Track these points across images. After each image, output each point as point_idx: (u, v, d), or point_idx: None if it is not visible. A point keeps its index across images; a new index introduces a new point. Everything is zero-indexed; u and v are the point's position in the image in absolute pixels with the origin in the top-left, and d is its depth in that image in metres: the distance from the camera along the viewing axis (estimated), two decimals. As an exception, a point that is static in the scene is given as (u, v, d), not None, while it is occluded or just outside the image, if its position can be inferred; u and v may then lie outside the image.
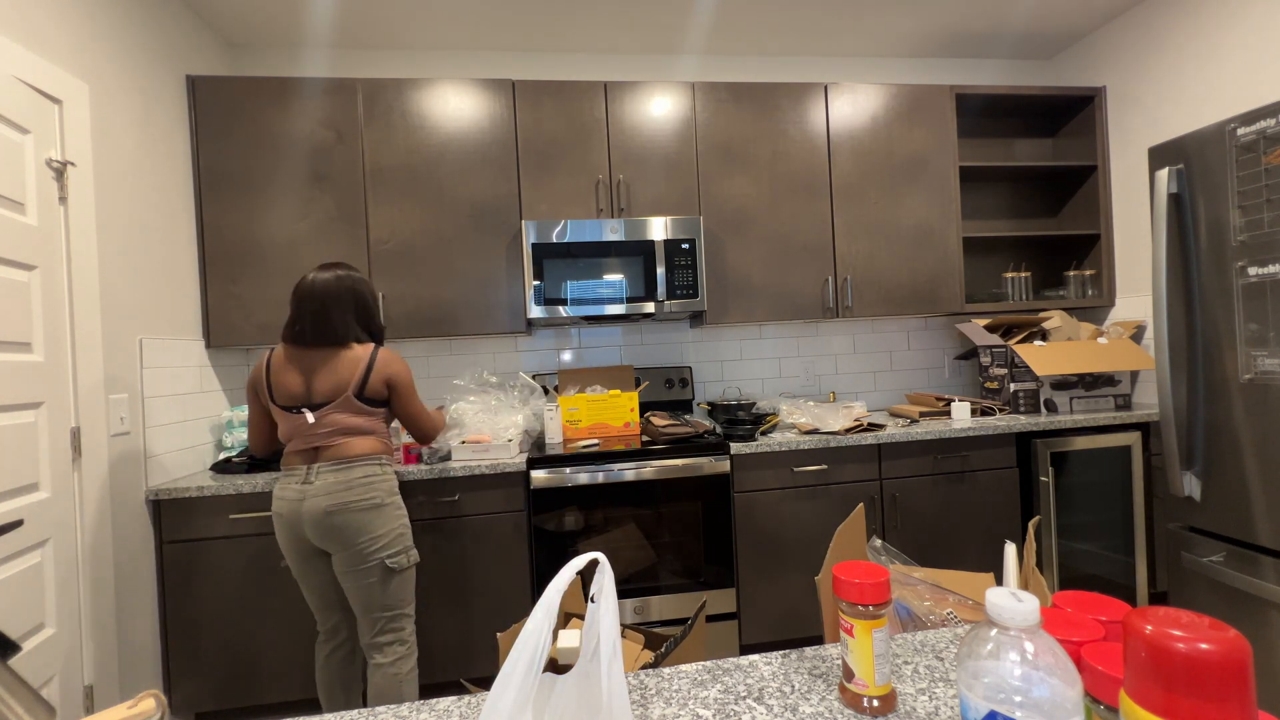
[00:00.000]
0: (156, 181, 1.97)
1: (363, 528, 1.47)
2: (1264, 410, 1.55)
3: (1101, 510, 2.24)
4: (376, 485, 1.51)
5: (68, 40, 1.64)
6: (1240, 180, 1.56)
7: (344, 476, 1.48)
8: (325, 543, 1.49)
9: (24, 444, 1.45)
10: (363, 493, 1.48)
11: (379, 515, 1.50)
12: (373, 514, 1.49)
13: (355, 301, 1.58)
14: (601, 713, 0.49)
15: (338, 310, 1.54)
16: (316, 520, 1.46)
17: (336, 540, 1.47)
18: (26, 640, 1.43)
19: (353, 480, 1.48)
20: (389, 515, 1.52)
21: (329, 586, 1.59)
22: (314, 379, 1.52)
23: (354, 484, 1.48)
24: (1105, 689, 0.43)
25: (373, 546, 1.48)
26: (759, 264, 2.42)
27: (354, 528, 1.47)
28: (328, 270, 1.57)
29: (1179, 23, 2.36)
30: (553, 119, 2.29)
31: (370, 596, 1.51)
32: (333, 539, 1.47)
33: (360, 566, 1.49)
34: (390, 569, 1.51)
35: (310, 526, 1.47)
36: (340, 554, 1.49)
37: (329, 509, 1.45)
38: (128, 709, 0.53)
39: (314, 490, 1.47)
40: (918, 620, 0.96)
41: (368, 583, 1.50)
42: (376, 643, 1.53)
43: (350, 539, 1.47)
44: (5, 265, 1.42)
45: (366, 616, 1.53)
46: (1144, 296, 2.55)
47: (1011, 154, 2.91)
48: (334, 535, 1.47)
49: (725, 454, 2.07)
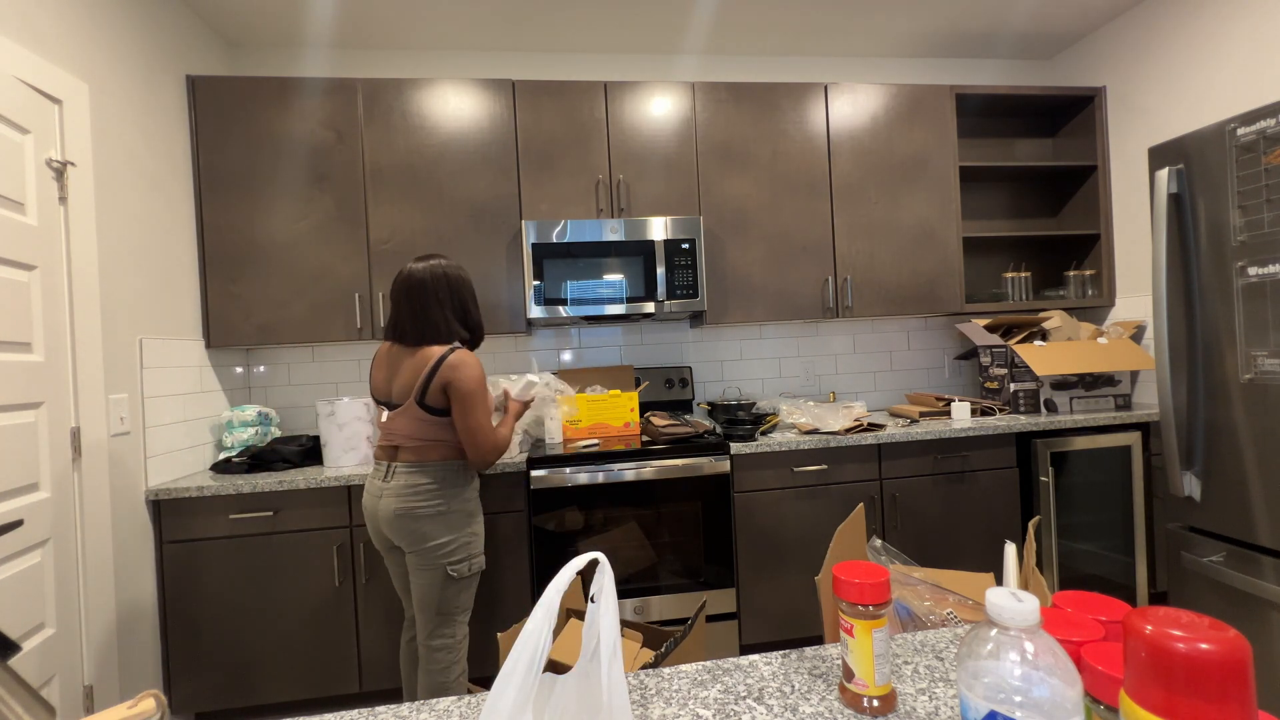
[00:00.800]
0: (156, 181, 1.97)
1: (428, 533, 1.48)
2: (1264, 410, 1.55)
3: (1101, 510, 2.24)
4: (443, 492, 1.50)
5: (68, 40, 1.64)
6: (1240, 180, 1.56)
7: (414, 480, 1.48)
8: (397, 540, 1.51)
9: (24, 444, 1.45)
10: (429, 499, 1.48)
11: (444, 522, 1.49)
12: (438, 521, 1.48)
13: (451, 296, 1.54)
14: (601, 713, 0.49)
15: (436, 307, 1.51)
16: (389, 519, 1.48)
17: (405, 540, 1.49)
18: (26, 640, 1.43)
19: (420, 485, 1.48)
20: (454, 522, 1.51)
21: (406, 579, 1.61)
22: (395, 377, 1.53)
23: (421, 489, 1.48)
24: (1105, 689, 0.43)
25: (438, 552, 1.49)
26: (759, 264, 2.42)
27: (420, 533, 1.48)
28: (423, 262, 1.54)
29: (1179, 23, 2.36)
30: (553, 119, 2.29)
31: (428, 595, 1.52)
32: (402, 538, 1.49)
33: (424, 567, 1.50)
34: (451, 576, 1.50)
35: (385, 524, 1.50)
36: (410, 553, 1.51)
37: (398, 512, 1.47)
38: (128, 709, 0.53)
39: (389, 489, 1.49)
40: (918, 620, 0.96)
41: (428, 582, 1.50)
42: (429, 644, 1.54)
43: (416, 542, 1.48)
44: (5, 265, 1.42)
45: (422, 615, 1.54)
46: (1144, 296, 2.55)
47: (1011, 154, 2.91)
48: (403, 536, 1.49)
49: (725, 454, 2.07)
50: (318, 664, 1.91)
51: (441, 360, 1.46)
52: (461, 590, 1.54)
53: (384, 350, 1.59)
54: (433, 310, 1.51)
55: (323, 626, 1.91)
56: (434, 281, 1.52)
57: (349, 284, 2.20)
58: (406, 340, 1.52)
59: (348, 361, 2.52)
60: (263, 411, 2.24)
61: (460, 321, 1.57)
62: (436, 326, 1.51)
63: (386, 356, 1.57)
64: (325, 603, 1.91)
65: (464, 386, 1.45)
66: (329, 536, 1.90)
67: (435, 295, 1.52)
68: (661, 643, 1.36)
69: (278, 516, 1.88)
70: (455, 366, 1.46)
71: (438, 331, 1.51)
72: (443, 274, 1.54)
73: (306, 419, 2.47)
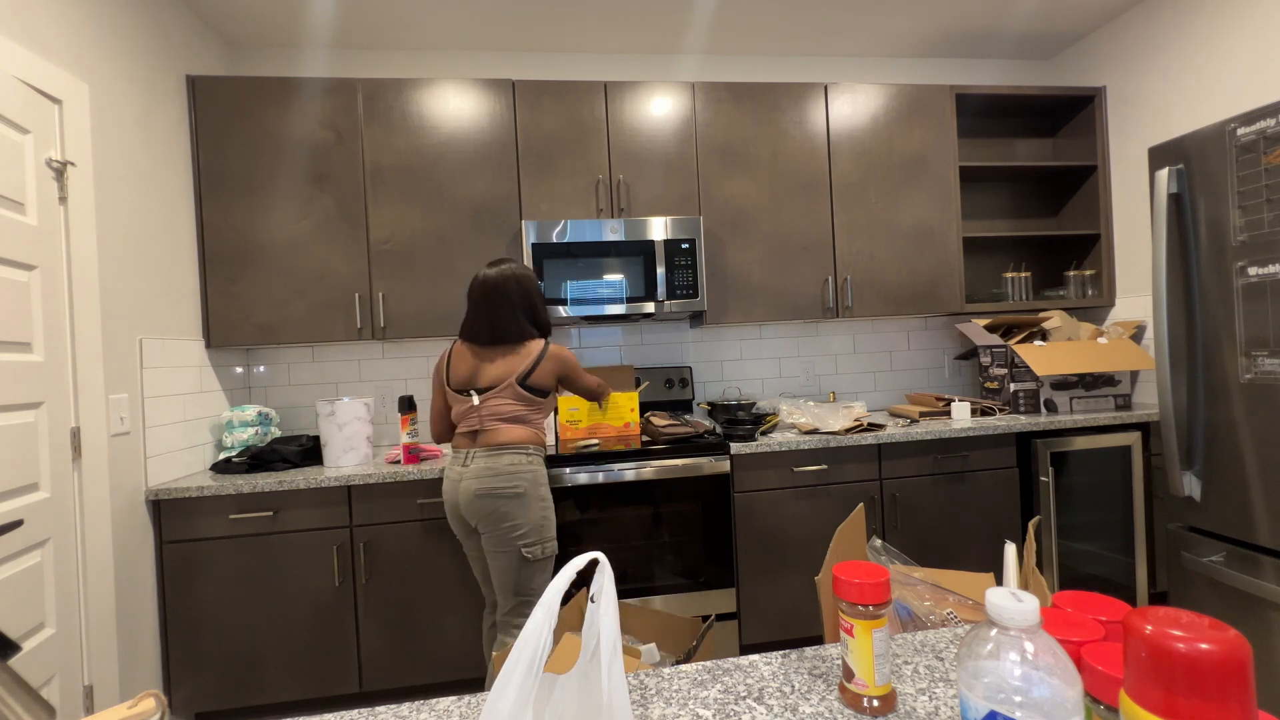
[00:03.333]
0: (156, 181, 1.97)
1: (506, 514, 1.56)
2: (1264, 410, 1.55)
3: (1101, 510, 2.24)
4: (521, 474, 1.58)
5: (68, 40, 1.64)
6: (1240, 180, 1.56)
7: (494, 463, 1.57)
8: (476, 522, 1.59)
9: (24, 444, 1.45)
10: (508, 480, 1.56)
11: (521, 504, 1.57)
12: (515, 502, 1.56)
13: (522, 297, 1.66)
14: (601, 713, 0.49)
15: (508, 309, 1.64)
16: (469, 501, 1.57)
17: (484, 522, 1.57)
18: (26, 640, 1.43)
19: (500, 468, 1.57)
20: (530, 505, 1.58)
21: (484, 563, 1.69)
22: (484, 367, 1.64)
23: (500, 471, 1.56)
24: (1105, 689, 0.43)
25: (514, 533, 1.56)
26: (759, 264, 2.42)
27: (499, 513, 1.55)
28: (495, 267, 1.66)
29: (1179, 23, 2.36)
30: (553, 119, 2.29)
31: (506, 578, 1.59)
32: (482, 520, 1.57)
33: (501, 550, 1.57)
34: (525, 558, 1.57)
35: (465, 507, 1.58)
36: (486, 534, 1.58)
37: (478, 492, 1.55)
38: (128, 709, 0.53)
39: (469, 473, 1.58)
40: (918, 620, 0.96)
41: (505, 565, 1.58)
42: (506, 621, 1.61)
43: (495, 523, 1.56)
44: (5, 265, 1.42)
45: (503, 594, 1.61)
46: (1144, 296, 2.55)
47: (1011, 154, 2.91)
48: (482, 517, 1.57)
49: (725, 454, 2.07)
50: (318, 664, 1.91)
51: (544, 353, 1.64)
52: (537, 573, 1.60)
53: (461, 348, 1.69)
54: (503, 312, 1.64)
55: (323, 626, 1.91)
56: (504, 283, 1.64)
57: (349, 284, 2.20)
58: (480, 341, 1.65)
59: (348, 361, 2.52)
60: (263, 411, 2.24)
61: (529, 319, 1.68)
62: (507, 327, 1.64)
63: (467, 353, 1.67)
64: (325, 603, 1.91)
65: (573, 363, 1.72)
66: (329, 536, 1.90)
67: (507, 297, 1.64)
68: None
69: (278, 516, 1.88)
70: (561, 355, 1.68)
71: (507, 332, 1.64)
72: (513, 275, 1.66)
73: (306, 419, 2.47)
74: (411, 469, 1.92)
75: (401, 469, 1.92)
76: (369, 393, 2.51)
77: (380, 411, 2.50)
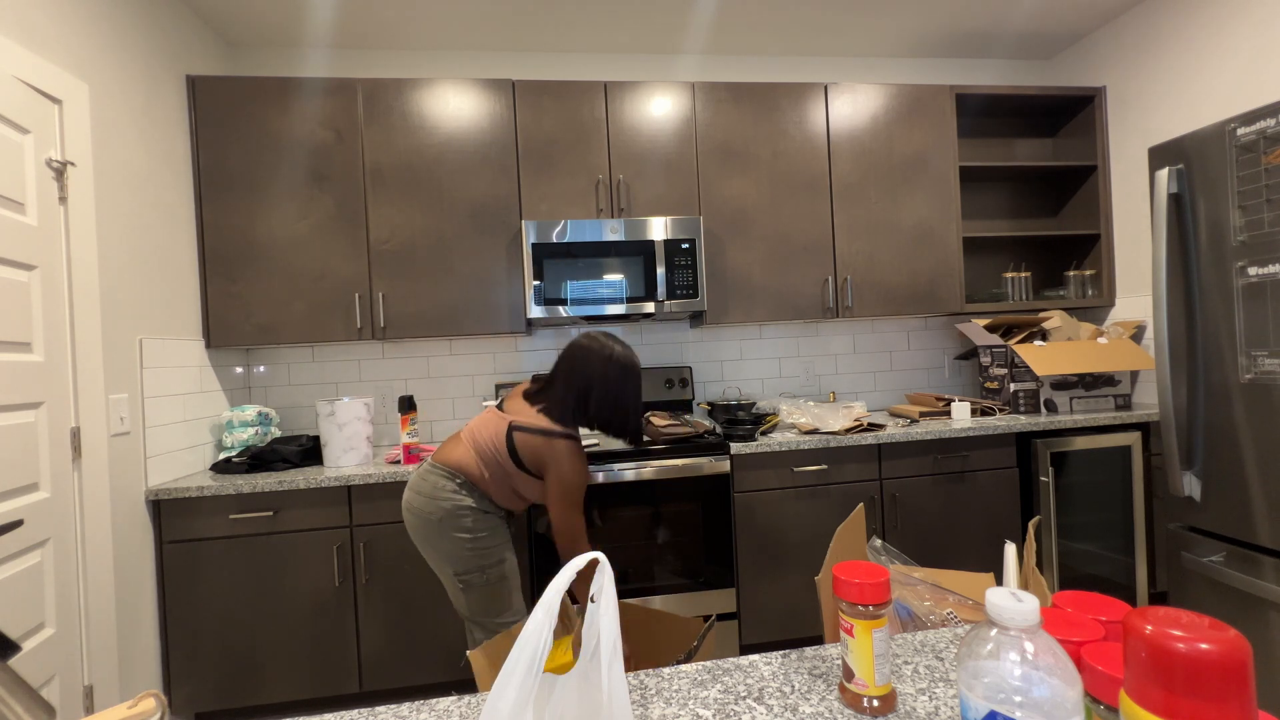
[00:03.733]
0: (156, 181, 1.97)
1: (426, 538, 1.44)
2: (1264, 410, 1.55)
3: (1101, 510, 2.24)
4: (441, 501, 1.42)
5: (68, 40, 1.64)
6: (1240, 180, 1.56)
7: (424, 480, 1.46)
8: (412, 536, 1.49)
9: (24, 444, 1.45)
10: (429, 503, 1.43)
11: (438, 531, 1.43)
12: (434, 528, 1.43)
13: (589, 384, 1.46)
14: (601, 713, 0.49)
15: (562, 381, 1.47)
16: (405, 515, 1.48)
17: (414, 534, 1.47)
18: (26, 640, 1.43)
19: (424, 487, 1.45)
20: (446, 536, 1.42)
21: None
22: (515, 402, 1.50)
23: (423, 491, 1.44)
24: (1105, 689, 0.43)
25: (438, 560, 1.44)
26: (759, 264, 2.42)
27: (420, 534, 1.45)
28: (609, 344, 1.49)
29: (1179, 23, 2.35)
30: (553, 119, 2.29)
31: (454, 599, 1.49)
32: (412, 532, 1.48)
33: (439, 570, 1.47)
34: (461, 584, 1.44)
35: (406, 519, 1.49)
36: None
37: (404, 504, 1.47)
38: (128, 709, 0.53)
39: (410, 483, 1.49)
40: (918, 620, 0.96)
41: (447, 585, 1.47)
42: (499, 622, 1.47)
43: (421, 544, 1.46)
44: (5, 265, 1.42)
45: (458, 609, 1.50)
46: (1144, 296, 2.55)
47: (1011, 154, 2.91)
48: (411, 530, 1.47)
49: (725, 454, 2.07)
50: (318, 664, 1.91)
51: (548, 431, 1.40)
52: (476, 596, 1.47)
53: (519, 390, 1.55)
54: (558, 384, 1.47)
55: (323, 626, 1.91)
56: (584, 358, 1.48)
57: (349, 284, 2.20)
58: (529, 396, 1.50)
59: (348, 361, 2.52)
60: (263, 411, 2.24)
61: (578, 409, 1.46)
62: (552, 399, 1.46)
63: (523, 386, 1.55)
64: (325, 603, 1.91)
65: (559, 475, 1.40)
66: (329, 536, 1.90)
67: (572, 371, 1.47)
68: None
69: (278, 516, 1.88)
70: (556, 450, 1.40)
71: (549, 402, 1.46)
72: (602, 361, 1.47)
73: (306, 419, 2.47)
74: (411, 469, 1.92)
75: (401, 469, 1.92)
76: (369, 393, 2.51)
77: (380, 411, 2.50)
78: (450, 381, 2.57)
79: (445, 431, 2.56)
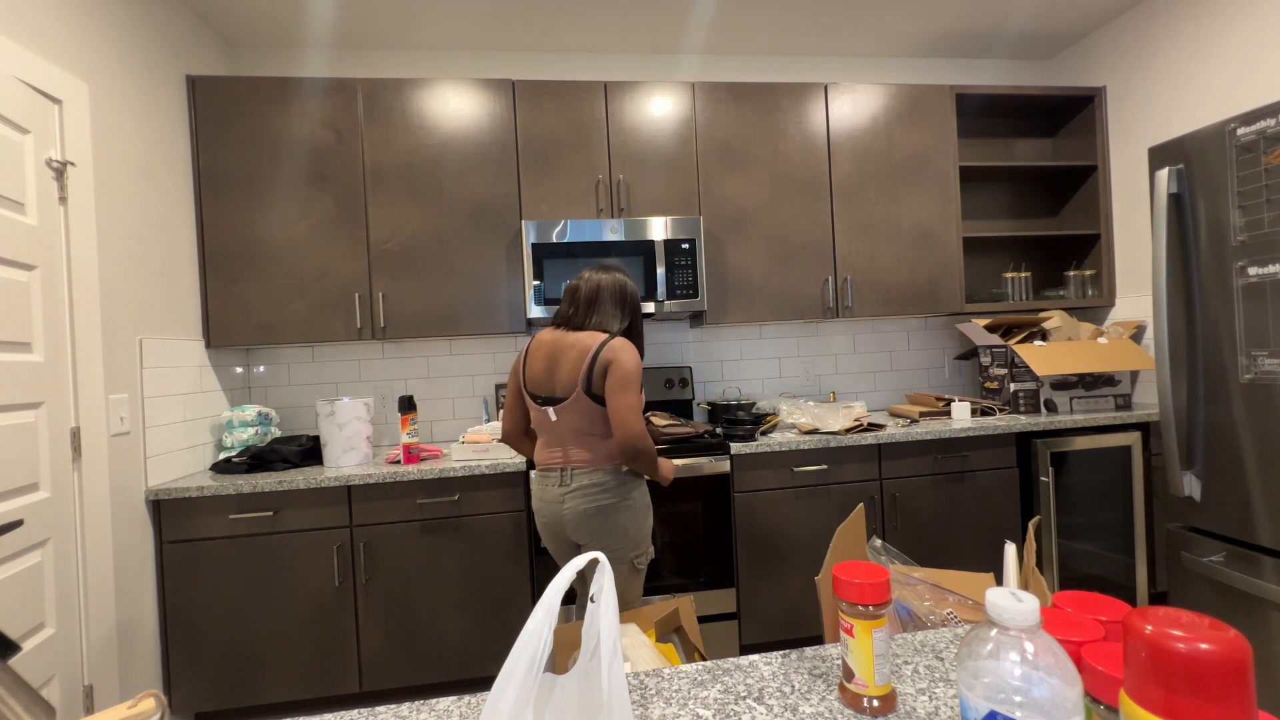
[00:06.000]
0: (156, 181, 1.97)
1: (621, 528, 1.52)
2: (1264, 410, 1.55)
3: (1101, 510, 2.24)
4: (629, 488, 1.53)
5: (68, 40, 1.64)
6: (1240, 180, 1.56)
7: (597, 479, 1.51)
8: (584, 538, 1.54)
9: (24, 444, 1.45)
10: (615, 495, 1.51)
11: (631, 516, 1.53)
12: (627, 515, 1.52)
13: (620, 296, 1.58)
14: (601, 713, 0.49)
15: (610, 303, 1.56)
16: (578, 520, 1.51)
17: (594, 537, 1.52)
18: (26, 640, 1.43)
19: (605, 484, 1.51)
20: (640, 517, 1.55)
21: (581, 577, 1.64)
22: (557, 369, 1.52)
23: (607, 487, 1.51)
24: (1105, 689, 0.43)
25: (626, 545, 1.53)
26: (759, 264, 2.42)
27: (612, 528, 1.51)
28: (601, 270, 1.60)
29: (1179, 23, 2.36)
30: (553, 119, 2.29)
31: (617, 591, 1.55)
32: (592, 536, 1.52)
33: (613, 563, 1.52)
34: (636, 568, 1.56)
35: (572, 526, 1.52)
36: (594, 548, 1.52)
37: (588, 511, 1.50)
38: (128, 709, 0.53)
39: (571, 492, 1.51)
40: (918, 620, 0.96)
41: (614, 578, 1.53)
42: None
43: (606, 539, 1.51)
44: (5, 265, 1.42)
45: None
46: (1144, 296, 2.55)
47: (1011, 154, 2.91)
48: (593, 533, 1.52)
49: (725, 454, 2.07)
50: (318, 664, 1.91)
51: (603, 345, 1.47)
52: (638, 580, 1.58)
53: (545, 338, 1.57)
54: (605, 304, 1.56)
55: (323, 626, 1.91)
56: (610, 283, 1.58)
57: (349, 284, 2.20)
58: (573, 323, 1.55)
59: (348, 361, 2.52)
60: (263, 411, 2.24)
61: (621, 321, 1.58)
62: (605, 316, 1.55)
63: (548, 345, 1.55)
64: (325, 603, 1.91)
65: (623, 367, 1.45)
66: (329, 536, 1.90)
67: (609, 292, 1.57)
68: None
69: (278, 516, 1.88)
70: (616, 349, 1.47)
71: (604, 322, 1.54)
72: (622, 285, 1.59)
73: (306, 419, 2.47)
74: (411, 469, 1.92)
75: (401, 469, 1.92)
76: (369, 393, 2.51)
77: (380, 411, 2.50)
78: (450, 381, 2.57)
79: (446, 431, 2.56)
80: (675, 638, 1.32)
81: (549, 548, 1.63)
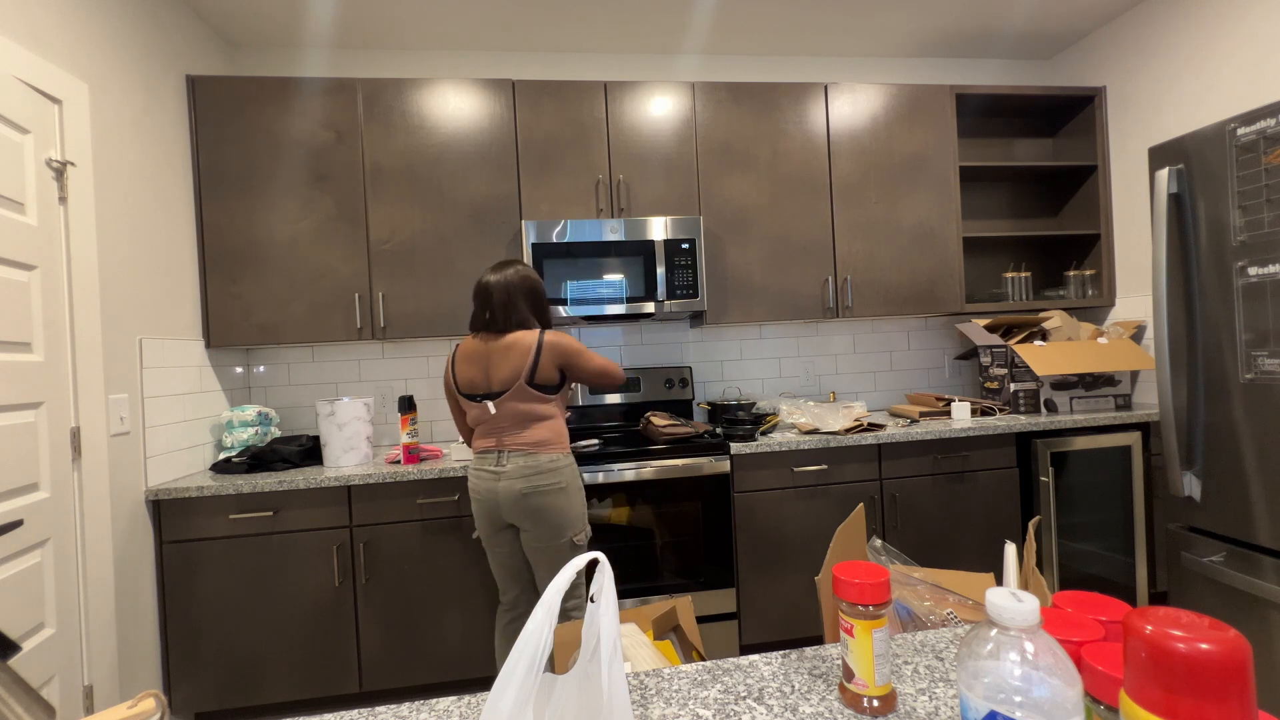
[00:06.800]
0: (156, 181, 1.97)
1: (556, 508, 1.59)
2: (1264, 410, 1.55)
3: (1101, 510, 2.24)
4: (562, 470, 1.61)
5: (68, 40, 1.64)
6: (1240, 180, 1.56)
7: (533, 461, 1.59)
8: (519, 520, 1.60)
9: (24, 444, 1.45)
10: (552, 477, 1.59)
11: (566, 498, 1.60)
12: (562, 496, 1.59)
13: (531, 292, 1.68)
14: (601, 713, 0.49)
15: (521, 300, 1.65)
16: (513, 500, 1.57)
17: (530, 519, 1.59)
18: (26, 640, 1.43)
19: (541, 465, 1.59)
20: (574, 499, 1.63)
21: (515, 559, 1.69)
22: (491, 369, 1.62)
23: (544, 469, 1.58)
24: (1105, 689, 0.43)
25: (564, 524, 1.60)
26: (759, 264, 2.42)
27: (547, 508, 1.58)
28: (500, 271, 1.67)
29: (1179, 23, 2.36)
30: (553, 119, 2.29)
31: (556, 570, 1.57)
32: (527, 517, 1.59)
33: (549, 544, 1.60)
34: (576, 545, 1.63)
35: (507, 506, 1.58)
36: (532, 531, 1.60)
37: (524, 491, 1.56)
38: (128, 709, 0.53)
39: (507, 472, 1.58)
40: (918, 620, 0.96)
41: (554, 559, 1.61)
42: (565, 608, 1.64)
43: (541, 519, 1.58)
44: (5, 265, 1.42)
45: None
46: (1144, 296, 2.55)
47: (1011, 154, 2.91)
48: (528, 515, 1.58)
49: (725, 454, 2.07)
50: (318, 664, 1.91)
51: (541, 342, 1.60)
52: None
53: (473, 346, 1.65)
54: (520, 303, 1.65)
55: (323, 626, 1.91)
56: (519, 282, 1.66)
57: (349, 284, 2.20)
58: (496, 327, 1.63)
59: (348, 361, 2.52)
60: (263, 411, 2.24)
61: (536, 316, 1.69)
62: (524, 315, 1.65)
63: (478, 351, 1.64)
64: (325, 603, 1.91)
65: (569, 346, 1.62)
66: (329, 536, 1.90)
67: (520, 292, 1.66)
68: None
69: (278, 516, 1.88)
70: (552, 340, 1.61)
71: (524, 320, 1.64)
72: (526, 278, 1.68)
73: (306, 419, 2.47)
74: (411, 469, 1.92)
75: (401, 469, 1.92)
76: (369, 393, 2.51)
77: (380, 411, 2.50)
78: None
79: (446, 431, 2.56)
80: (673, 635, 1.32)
81: (481, 532, 1.67)
